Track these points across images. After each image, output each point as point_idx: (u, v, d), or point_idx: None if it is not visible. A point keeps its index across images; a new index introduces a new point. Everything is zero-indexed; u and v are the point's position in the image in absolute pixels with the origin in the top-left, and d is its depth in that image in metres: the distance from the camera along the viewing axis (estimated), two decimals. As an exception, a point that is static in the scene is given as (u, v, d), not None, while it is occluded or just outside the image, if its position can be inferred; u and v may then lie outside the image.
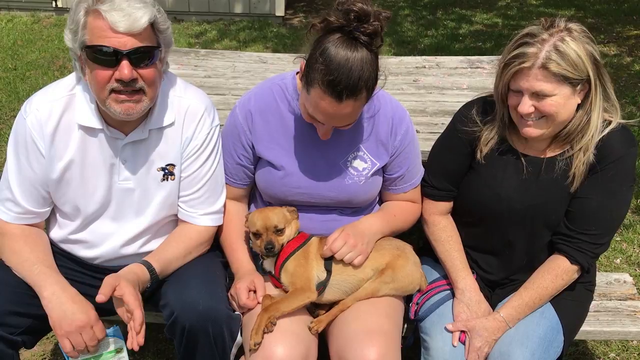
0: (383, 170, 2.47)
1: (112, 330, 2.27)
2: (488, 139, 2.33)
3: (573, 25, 2.12)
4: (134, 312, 2.07)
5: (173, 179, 2.35)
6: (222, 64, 4.03)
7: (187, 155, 2.34)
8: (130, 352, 2.31)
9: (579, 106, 2.17)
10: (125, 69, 2.05)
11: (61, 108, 2.23)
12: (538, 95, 2.11)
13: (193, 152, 2.34)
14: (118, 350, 2.28)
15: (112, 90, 2.09)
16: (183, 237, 2.39)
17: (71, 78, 2.29)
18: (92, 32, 2.05)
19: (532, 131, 2.20)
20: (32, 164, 2.26)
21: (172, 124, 2.30)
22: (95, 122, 2.22)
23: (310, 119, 2.21)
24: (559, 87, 2.09)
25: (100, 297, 2.04)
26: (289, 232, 2.33)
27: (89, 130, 2.24)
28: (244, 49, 7.39)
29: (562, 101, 2.11)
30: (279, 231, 2.29)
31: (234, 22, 8.73)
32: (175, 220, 2.46)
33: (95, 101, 2.20)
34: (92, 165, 2.27)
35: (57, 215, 2.40)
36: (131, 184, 2.31)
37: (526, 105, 2.13)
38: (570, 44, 2.06)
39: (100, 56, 2.05)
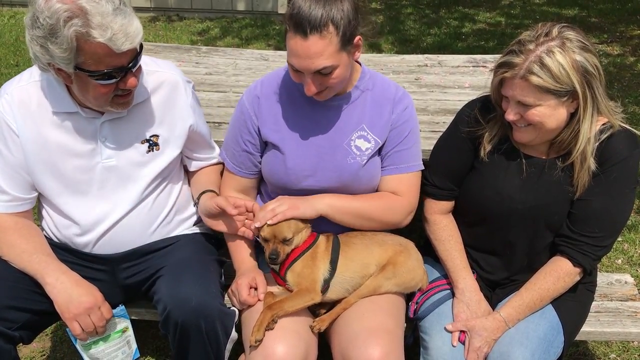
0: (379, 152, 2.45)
1: (118, 310, 2.31)
2: (491, 136, 2.32)
3: (570, 33, 2.07)
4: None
5: (158, 149, 2.39)
6: (223, 61, 4.03)
7: (187, 116, 2.43)
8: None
9: (572, 115, 2.15)
10: (132, 80, 2.10)
11: (31, 91, 2.24)
12: (522, 105, 2.11)
13: (190, 111, 2.45)
14: (124, 330, 2.34)
15: (114, 96, 2.13)
16: (207, 176, 2.60)
17: (36, 68, 2.27)
18: (91, 57, 2.01)
19: (521, 136, 2.22)
20: (10, 148, 2.26)
21: (151, 97, 2.34)
22: (68, 106, 2.24)
23: (294, 74, 2.23)
24: (542, 98, 2.07)
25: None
26: (298, 241, 2.30)
27: (63, 115, 2.25)
28: (246, 47, 7.38)
29: (547, 111, 2.10)
30: (287, 241, 2.26)
31: (237, 19, 8.72)
32: (165, 188, 2.47)
33: (66, 85, 2.20)
34: (70, 147, 2.27)
35: (45, 204, 2.40)
36: (114, 161, 2.32)
37: (511, 114, 2.15)
38: (557, 56, 2.02)
39: (105, 78, 2.05)
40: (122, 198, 2.36)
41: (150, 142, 2.37)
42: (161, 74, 2.39)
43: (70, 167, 2.29)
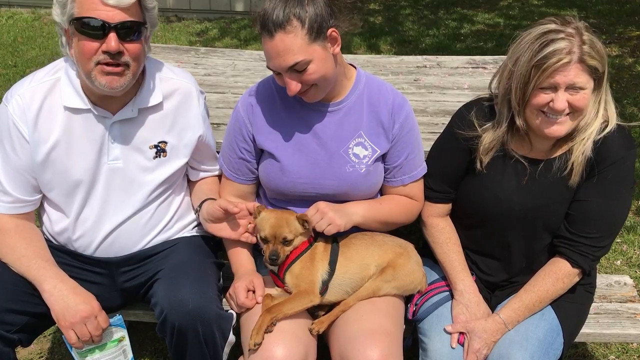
0: (383, 160, 2.45)
1: (115, 319, 2.29)
2: (488, 149, 2.29)
3: (580, 24, 2.11)
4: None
5: (165, 156, 2.39)
6: (222, 62, 4.02)
7: (197, 126, 2.43)
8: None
9: None
10: (112, 41, 2.09)
11: (44, 91, 2.24)
12: (573, 89, 2.08)
13: (201, 122, 2.45)
14: (121, 339, 2.33)
15: (98, 63, 2.12)
16: (209, 185, 2.60)
17: (53, 64, 2.31)
18: (81, 5, 2.08)
19: (559, 129, 2.14)
20: (17, 150, 2.26)
21: (163, 103, 2.35)
22: (80, 103, 2.24)
23: (277, 77, 2.25)
24: (589, 80, 2.08)
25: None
26: (297, 242, 2.29)
27: (74, 111, 2.25)
28: (245, 47, 7.38)
29: (589, 95, 2.11)
30: (287, 242, 2.26)
31: (235, 20, 8.71)
32: (168, 197, 2.47)
33: (80, 81, 2.22)
34: (78, 146, 2.27)
35: (50, 205, 2.39)
36: (120, 163, 2.32)
37: (562, 102, 2.08)
38: (594, 39, 2.07)
39: (88, 29, 2.08)
40: (125, 202, 2.36)
41: (158, 147, 2.37)
42: (175, 82, 2.40)
43: (77, 167, 2.28)
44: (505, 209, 2.31)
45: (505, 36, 7.86)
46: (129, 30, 2.13)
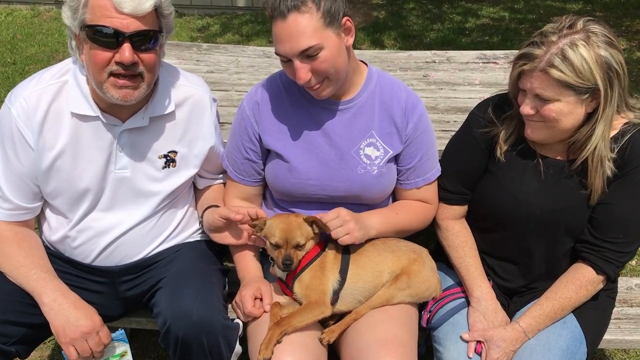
0: (396, 161, 2.36)
1: (117, 334, 2.22)
2: (507, 134, 2.22)
3: (595, 27, 1.98)
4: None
5: (174, 166, 2.30)
6: (225, 58, 3.93)
7: (209, 136, 2.34)
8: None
9: (590, 115, 2.05)
10: (126, 51, 1.98)
11: (50, 95, 2.13)
12: (540, 99, 2.01)
13: (213, 132, 2.37)
14: (123, 354, 2.24)
15: (111, 74, 2.02)
16: (214, 193, 2.50)
17: (61, 65, 2.21)
18: (93, 11, 1.96)
19: (533, 133, 2.12)
20: (20, 156, 2.16)
21: (175, 111, 2.25)
22: (89, 109, 2.14)
23: (285, 67, 2.15)
24: (561, 93, 1.97)
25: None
26: (309, 247, 2.20)
27: (82, 118, 2.15)
28: (247, 43, 7.29)
29: (565, 108, 2.00)
30: (300, 246, 2.16)
31: (237, 15, 8.63)
32: (173, 206, 2.38)
33: (89, 87, 2.12)
34: (85, 154, 2.17)
35: (51, 212, 2.30)
36: (128, 172, 2.23)
37: (527, 107, 2.05)
38: (580, 49, 1.93)
39: (101, 37, 1.97)
40: (130, 212, 2.27)
41: (168, 157, 2.28)
42: (189, 89, 2.31)
43: (83, 176, 2.19)
44: (525, 211, 2.22)
45: (510, 30, 7.77)
46: (144, 39, 2.02)
